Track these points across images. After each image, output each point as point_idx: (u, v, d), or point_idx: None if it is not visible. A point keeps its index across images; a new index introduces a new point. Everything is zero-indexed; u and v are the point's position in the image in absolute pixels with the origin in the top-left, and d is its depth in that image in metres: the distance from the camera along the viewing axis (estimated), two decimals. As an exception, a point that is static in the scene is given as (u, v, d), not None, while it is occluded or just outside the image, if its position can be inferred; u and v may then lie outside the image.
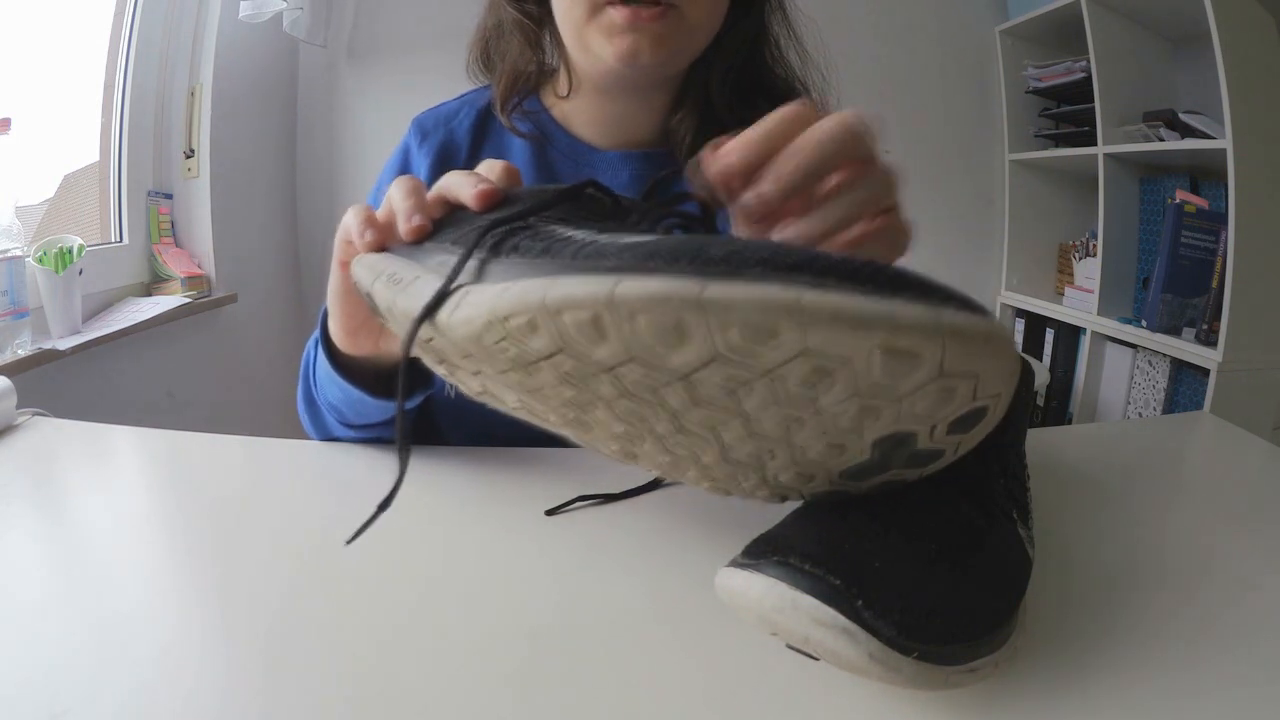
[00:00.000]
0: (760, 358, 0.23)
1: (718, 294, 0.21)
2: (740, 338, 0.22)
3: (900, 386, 0.23)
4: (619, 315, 0.22)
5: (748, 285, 0.21)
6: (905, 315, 0.21)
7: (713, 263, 0.22)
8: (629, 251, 0.24)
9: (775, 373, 0.23)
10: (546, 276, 0.24)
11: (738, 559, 0.29)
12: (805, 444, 0.28)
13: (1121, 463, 0.54)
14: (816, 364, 0.23)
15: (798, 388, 0.24)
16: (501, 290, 0.25)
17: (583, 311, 0.23)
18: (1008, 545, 0.32)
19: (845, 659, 0.26)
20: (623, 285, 0.22)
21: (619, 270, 0.23)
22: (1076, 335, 1.98)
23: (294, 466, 0.52)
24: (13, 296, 1.14)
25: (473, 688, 0.30)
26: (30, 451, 0.53)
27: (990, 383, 0.24)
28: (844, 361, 0.22)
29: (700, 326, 0.22)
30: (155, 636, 0.32)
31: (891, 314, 0.21)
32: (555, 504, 0.43)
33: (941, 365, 0.22)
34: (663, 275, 0.22)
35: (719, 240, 0.23)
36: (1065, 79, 1.96)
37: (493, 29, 0.63)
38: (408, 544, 0.41)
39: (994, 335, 0.22)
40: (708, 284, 0.21)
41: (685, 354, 0.23)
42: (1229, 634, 0.33)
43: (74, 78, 1.52)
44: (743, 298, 0.21)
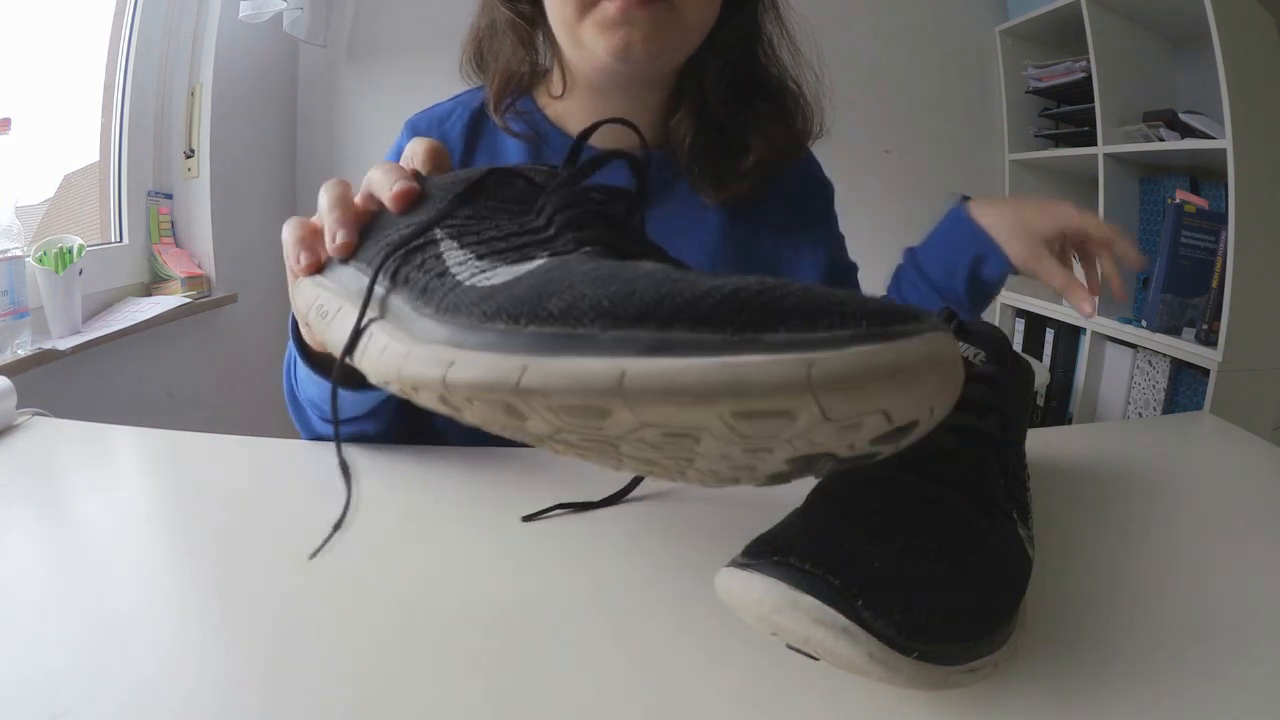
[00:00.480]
0: (602, 430, 0.21)
1: (533, 381, 0.20)
2: (572, 418, 0.21)
3: (780, 434, 0.21)
4: (458, 397, 0.23)
5: (567, 360, 0.20)
6: (757, 378, 0.18)
7: (546, 320, 0.21)
8: (477, 309, 0.24)
9: (626, 440, 0.22)
10: (405, 344, 0.25)
11: (737, 559, 0.29)
12: (709, 471, 0.25)
13: (1121, 463, 0.54)
14: (666, 431, 0.21)
15: (664, 442, 0.22)
16: (380, 352, 0.27)
17: (430, 391, 0.24)
18: (1008, 545, 0.32)
19: (845, 659, 0.26)
20: (451, 372, 0.23)
21: (456, 342, 0.23)
22: (1076, 335, 1.98)
23: (294, 466, 0.52)
24: (13, 296, 1.14)
25: (472, 690, 0.30)
26: (30, 451, 0.53)
27: (906, 408, 0.20)
28: (696, 429, 0.20)
29: (530, 410, 0.21)
30: (155, 636, 0.32)
31: (736, 380, 0.19)
32: (541, 507, 0.43)
33: (824, 414, 0.19)
34: (488, 354, 0.22)
35: (565, 283, 0.22)
36: (1065, 79, 1.96)
37: (486, 29, 0.63)
38: (409, 544, 0.41)
39: (901, 367, 0.19)
40: (526, 366, 0.21)
41: (532, 425, 0.23)
42: (1229, 634, 0.33)
43: (74, 78, 1.52)
44: (559, 385, 0.20)
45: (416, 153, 0.37)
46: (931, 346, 0.19)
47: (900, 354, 0.19)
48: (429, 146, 0.37)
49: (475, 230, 0.30)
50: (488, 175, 0.32)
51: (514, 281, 0.24)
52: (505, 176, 0.32)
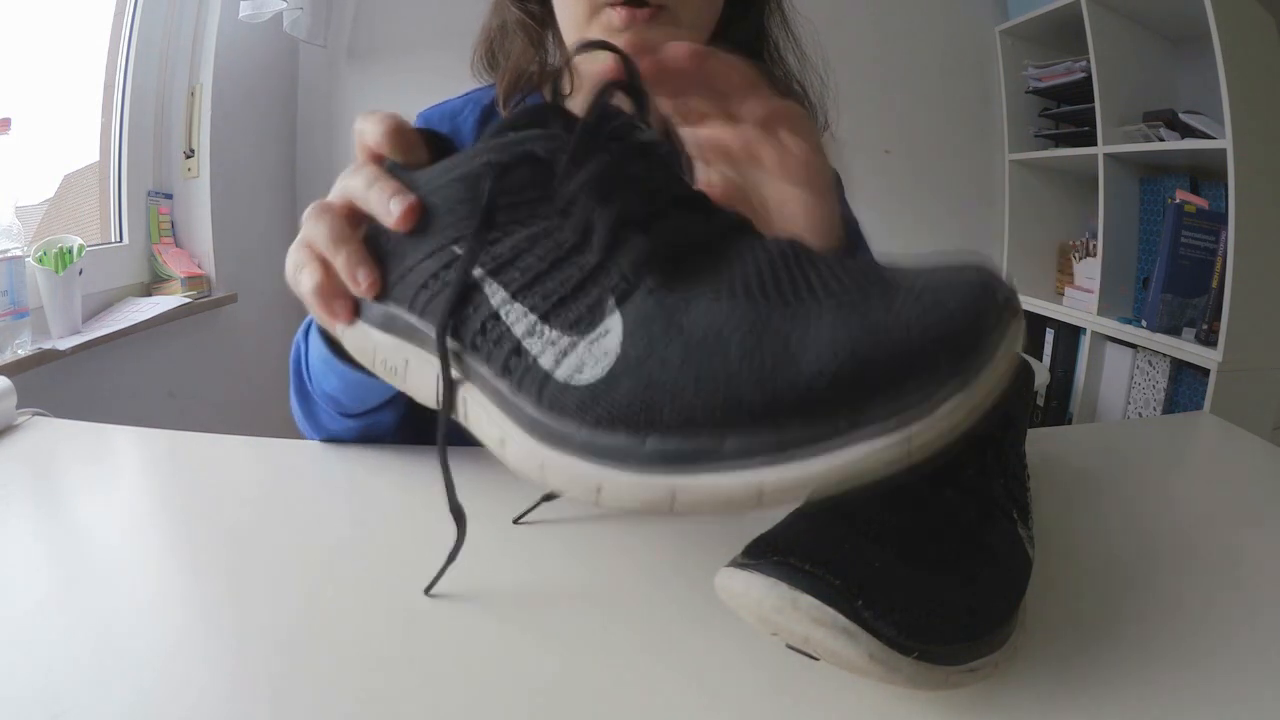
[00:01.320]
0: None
1: (684, 506, 0.23)
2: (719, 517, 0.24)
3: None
4: (612, 506, 0.25)
5: (709, 480, 0.23)
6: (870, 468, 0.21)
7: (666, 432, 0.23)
8: (589, 414, 0.25)
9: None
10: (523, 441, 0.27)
11: (737, 559, 0.29)
12: None
13: (1121, 463, 0.54)
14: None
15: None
16: (500, 444, 0.28)
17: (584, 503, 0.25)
18: (1008, 545, 0.32)
19: (845, 659, 0.26)
20: (602, 496, 0.24)
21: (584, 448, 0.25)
22: (1076, 335, 1.98)
23: (295, 466, 0.52)
24: (13, 296, 1.14)
25: (473, 693, 0.30)
26: (30, 451, 0.53)
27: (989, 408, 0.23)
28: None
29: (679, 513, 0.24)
30: (155, 637, 0.32)
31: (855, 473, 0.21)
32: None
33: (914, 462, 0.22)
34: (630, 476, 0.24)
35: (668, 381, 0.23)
36: (1065, 79, 1.96)
37: (497, 29, 0.64)
38: (409, 546, 0.41)
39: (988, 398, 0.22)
40: (675, 494, 0.23)
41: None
42: (1229, 633, 0.33)
43: (74, 78, 1.52)
44: (708, 505, 0.23)
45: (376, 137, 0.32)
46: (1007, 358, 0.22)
47: (986, 391, 0.21)
48: (388, 127, 0.32)
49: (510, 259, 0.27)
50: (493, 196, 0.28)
51: (610, 380, 0.25)
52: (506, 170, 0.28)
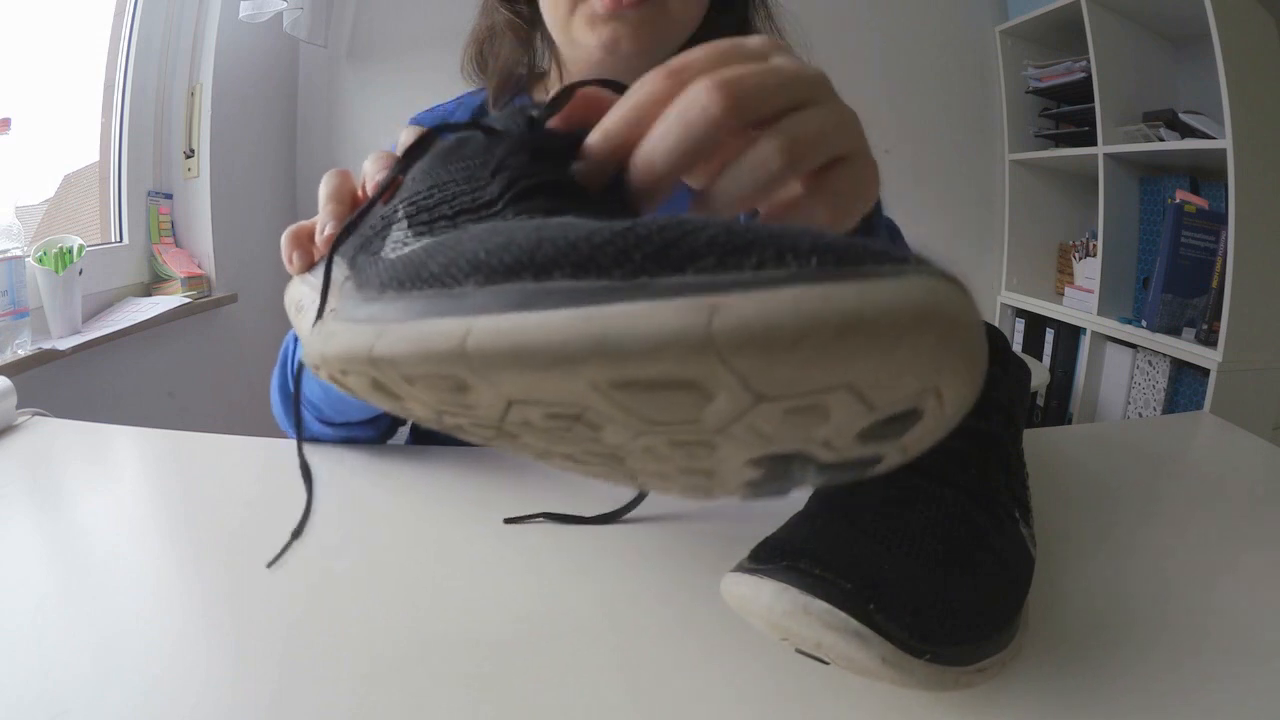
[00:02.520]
0: (474, 409, 0.18)
1: (384, 349, 0.17)
2: (432, 393, 0.18)
3: (698, 419, 0.16)
4: (335, 373, 0.21)
5: (418, 324, 0.17)
6: (629, 330, 0.13)
7: (425, 282, 0.18)
8: (376, 279, 0.22)
9: (507, 421, 0.18)
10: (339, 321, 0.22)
11: (744, 564, 0.28)
12: (658, 471, 0.21)
13: (1121, 463, 0.54)
14: (541, 411, 0.17)
15: (560, 431, 0.18)
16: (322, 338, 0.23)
17: (324, 370, 0.21)
18: (1012, 545, 0.32)
19: (858, 662, 0.26)
20: (328, 345, 0.20)
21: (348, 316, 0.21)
22: (1076, 335, 1.98)
23: (295, 466, 0.52)
24: (13, 296, 1.14)
25: (474, 697, 0.30)
26: (30, 451, 0.53)
27: (891, 386, 0.15)
28: (574, 406, 0.16)
29: (391, 383, 0.19)
30: (155, 636, 0.32)
31: (602, 334, 0.14)
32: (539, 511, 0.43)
33: (746, 385, 0.14)
34: (355, 325, 0.19)
35: (460, 240, 0.19)
36: (1065, 79, 1.96)
37: (485, 31, 0.65)
38: (409, 546, 0.41)
39: (864, 318, 0.13)
40: (381, 333, 0.18)
41: (411, 406, 0.20)
42: (1229, 632, 0.33)
43: (74, 78, 1.52)
44: (404, 351, 0.17)
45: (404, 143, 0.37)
46: (922, 293, 0.13)
47: (863, 297, 0.13)
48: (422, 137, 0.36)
49: (430, 206, 0.26)
50: (434, 131, 0.28)
51: (417, 249, 0.21)
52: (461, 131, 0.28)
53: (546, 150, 0.26)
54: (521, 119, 0.27)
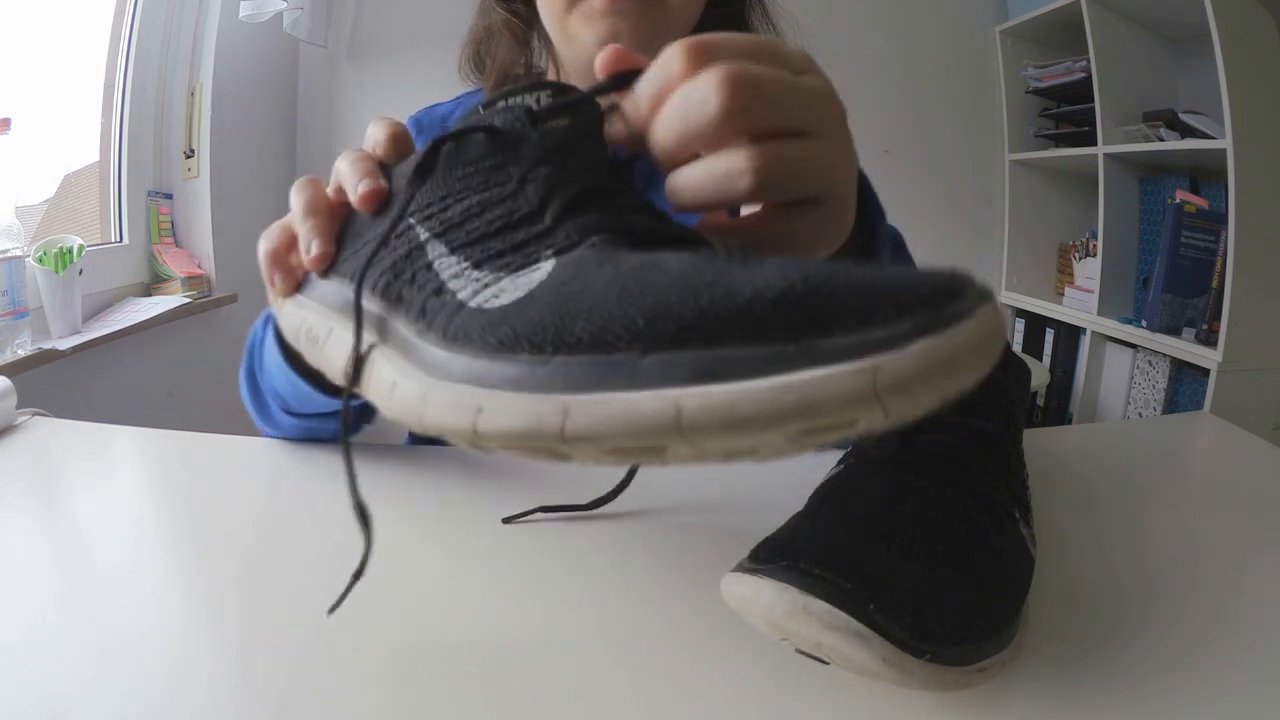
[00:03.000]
0: (658, 459, 0.19)
1: (579, 428, 0.19)
2: (626, 456, 0.19)
3: (840, 437, 0.19)
4: (493, 444, 0.21)
5: (612, 398, 0.18)
6: (824, 398, 0.17)
7: (575, 348, 0.19)
8: (491, 335, 0.21)
9: (680, 459, 0.20)
10: (417, 382, 0.23)
11: (744, 563, 0.28)
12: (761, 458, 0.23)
13: (1121, 463, 0.54)
14: (727, 453, 0.19)
15: (720, 458, 0.20)
16: (389, 389, 0.24)
17: (460, 439, 0.21)
18: (1012, 544, 0.32)
19: (858, 663, 0.26)
20: (482, 420, 0.20)
21: (478, 380, 0.21)
22: (1076, 335, 1.98)
23: (295, 466, 0.52)
24: (13, 296, 1.14)
25: (473, 699, 0.30)
26: (30, 451, 0.53)
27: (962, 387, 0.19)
28: (760, 449, 0.19)
29: (575, 453, 0.20)
30: (155, 637, 0.32)
31: (804, 404, 0.17)
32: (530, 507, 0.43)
33: (886, 416, 0.18)
34: (519, 395, 0.20)
35: (584, 305, 0.20)
36: (1065, 79, 1.96)
37: (483, 31, 0.65)
38: (410, 547, 0.41)
39: (960, 356, 0.18)
40: (568, 411, 0.19)
41: (579, 462, 0.21)
42: (1229, 632, 0.33)
43: (74, 78, 1.52)
44: (609, 430, 0.18)
45: (379, 139, 0.34)
46: (986, 326, 0.18)
47: (958, 344, 0.17)
48: (390, 131, 0.34)
49: (458, 222, 0.26)
50: (436, 144, 0.28)
51: (526, 300, 0.22)
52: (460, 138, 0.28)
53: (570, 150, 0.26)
54: (521, 114, 0.27)
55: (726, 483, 0.47)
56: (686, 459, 0.19)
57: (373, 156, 0.34)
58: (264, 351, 0.50)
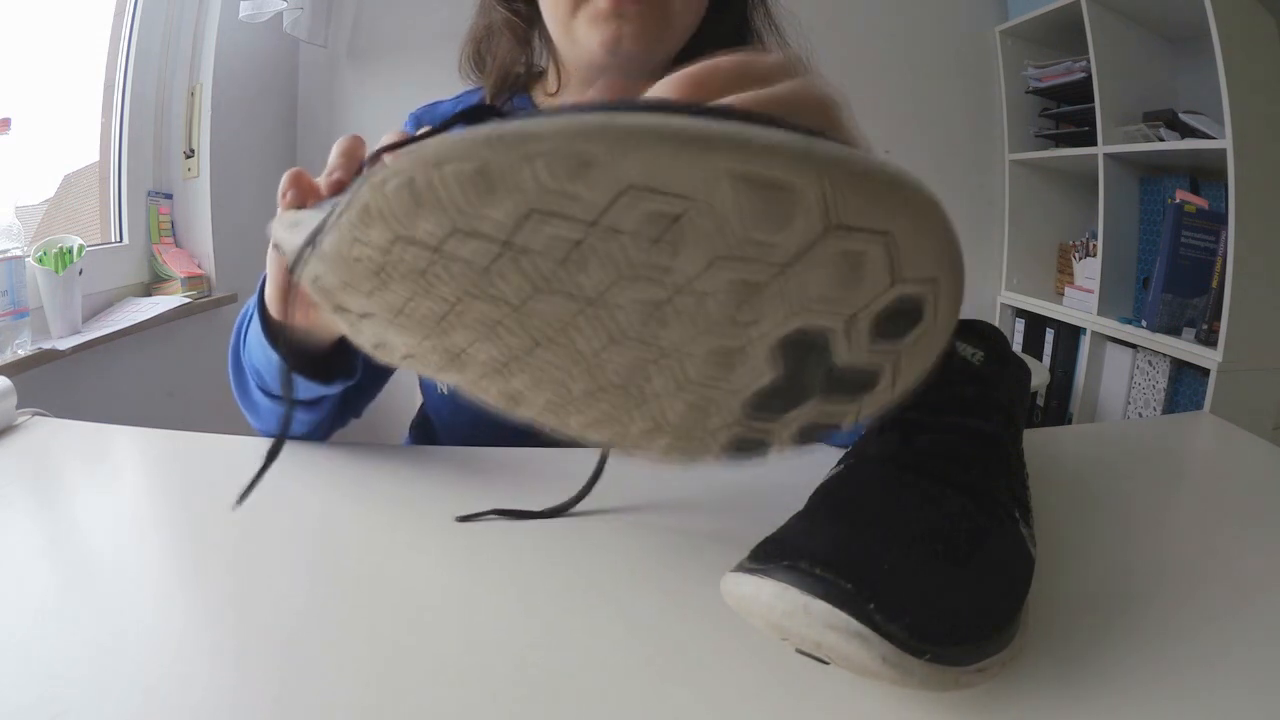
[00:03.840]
0: (579, 200, 0.19)
1: (516, 128, 0.18)
2: (548, 174, 0.19)
3: (776, 243, 0.19)
4: (431, 175, 0.20)
5: (556, 118, 0.18)
6: (759, 135, 0.17)
7: (541, 115, 0.19)
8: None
9: (603, 222, 0.19)
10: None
11: (744, 563, 0.28)
12: (680, 348, 0.23)
13: (1121, 463, 0.54)
14: (651, 206, 0.18)
15: (640, 249, 0.20)
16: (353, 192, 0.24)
17: (399, 177, 0.21)
18: (1012, 544, 0.32)
19: (858, 663, 0.26)
20: (433, 145, 0.20)
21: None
22: (1076, 335, 1.98)
23: (295, 467, 0.52)
24: (13, 296, 1.14)
25: (474, 695, 0.30)
26: (30, 451, 0.53)
27: (914, 255, 0.19)
28: (684, 200, 0.18)
29: (504, 169, 0.19)
30: (155, 637, 0.32)
31: (740, 133, 0.17)
32: (553, 504, 0.43)
33: (826, 208, 0.17)
34: (480, 128, 0.19)
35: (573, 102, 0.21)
36: (1065, 79, 1.96)
37: (483, 29, 0.65)
38: (409, 546, 0.41)
39: (903, 180, 0.18)
40: (509, 123, 0.19)
41: (498, 208, 0.20)
42: (1229, 633, 0.33)
43: (74, 78, 1.52)
44: (545, 127, 0.18)
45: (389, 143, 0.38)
46: (925, 187, 0.18)
47: (902, 173, 0.18)
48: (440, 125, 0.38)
49: None
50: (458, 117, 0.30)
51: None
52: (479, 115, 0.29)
53: None
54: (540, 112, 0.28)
55: (727, 482, 0.47)
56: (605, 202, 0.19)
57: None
58: (249, 327, 0.51)
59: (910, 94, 2.11)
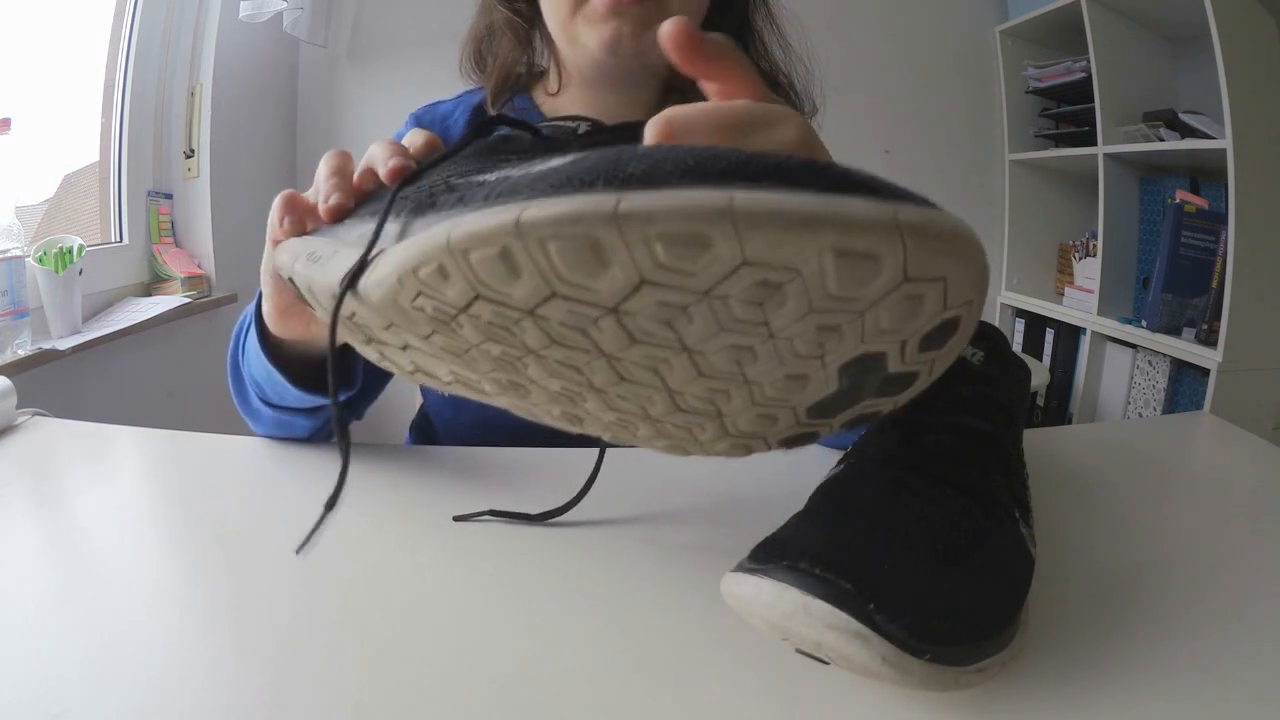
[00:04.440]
0: (694, 276, 0.20)
1: (635, 205, 0.19)
2: (667, 255, 0.20)
3: (860, 296, 0.21)
4: (528, 244, 0.20)
5: (669, 193, 0.19)
6: (857, 212, 0.19)
7: (630, 177, 0.20)
8: (542, 180, 0.21)
9: (714, 292, 0.21)
10: (452, 219, 0.22)
11: (744, 564, 0.28)
12: (761, 378, 0.25)
13: (1121, 463, 0.54)
14: (760, 277, 0.20)
15: (743, 309, 0.21)
16: (409, 244, 0.24)
17: (489, 247, 0.21)
18: (1012, 544, 0.32)
19: (858, 663, 0.26)
20: (528, 211, 0.20)
21: (528, 199, 0.21)
22: (1076, 335, 1.98)
23: (294, 466, 0.52)
24: (13, 296, 1.14)
25: (473, 695, 0.30)
26: (30, 451, 0.53)
27: (960, 288, 0.21)
28: (792, 271, 0.20)
29: (619, 246, 0.20)
30: (155, 636, 0.32)
31: (841, 211, 0.19)
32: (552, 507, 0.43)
33: (905, 268, 0.20)
34: (572, 195, 0.20)
35: (639, 152, 0.21)
36: (1065, 79, 1.96)
37: (484, 29, 0.65)
38: (409, 546, 0.41)
39: (959, 232, 0.20)
40: (623, 195, 0.19)
41: (608, 280, 0.21)
42: (1229, 633, 0.33)
43: (74, 78, 1.52)
44: (664, 206, 0.19)
45: (415, 143, 0.37)
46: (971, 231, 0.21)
47: (958, 224, 0.20)
48: (428, 139, 0.37)
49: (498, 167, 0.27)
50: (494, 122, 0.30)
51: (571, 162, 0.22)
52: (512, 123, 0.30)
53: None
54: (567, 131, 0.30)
55: (727, 483, 0.47)
56: (721, 277, 0.20)
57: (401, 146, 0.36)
58: (247, 338, 0.51)
59: (910, 94, 2.11)
